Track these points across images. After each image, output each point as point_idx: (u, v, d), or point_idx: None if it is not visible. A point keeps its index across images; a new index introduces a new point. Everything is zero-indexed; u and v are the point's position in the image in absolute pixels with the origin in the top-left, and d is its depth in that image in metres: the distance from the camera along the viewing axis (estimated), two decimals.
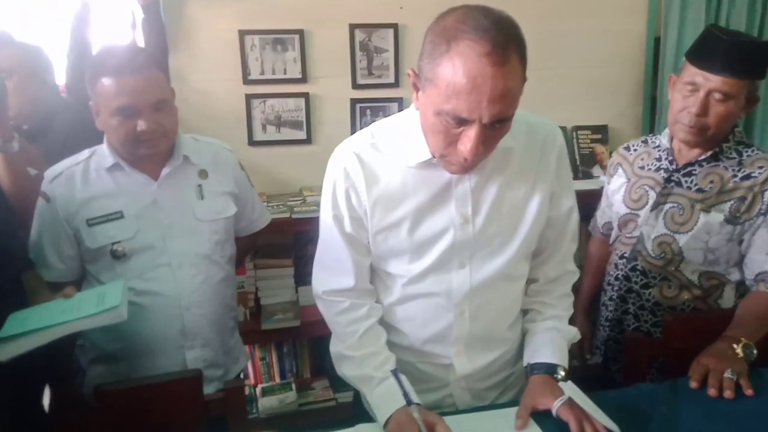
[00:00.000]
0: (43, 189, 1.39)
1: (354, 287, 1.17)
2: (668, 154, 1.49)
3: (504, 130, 0.98)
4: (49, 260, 1.39)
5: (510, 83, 0.90)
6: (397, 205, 1.10)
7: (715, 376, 1.18)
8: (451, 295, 1.14)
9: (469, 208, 1.10)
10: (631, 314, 1.56)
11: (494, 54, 0.87)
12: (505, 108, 0.92)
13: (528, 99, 2.87)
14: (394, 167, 1.10)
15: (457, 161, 0.99)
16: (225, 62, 2.42)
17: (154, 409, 1.18)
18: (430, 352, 1.20)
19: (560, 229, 1.19)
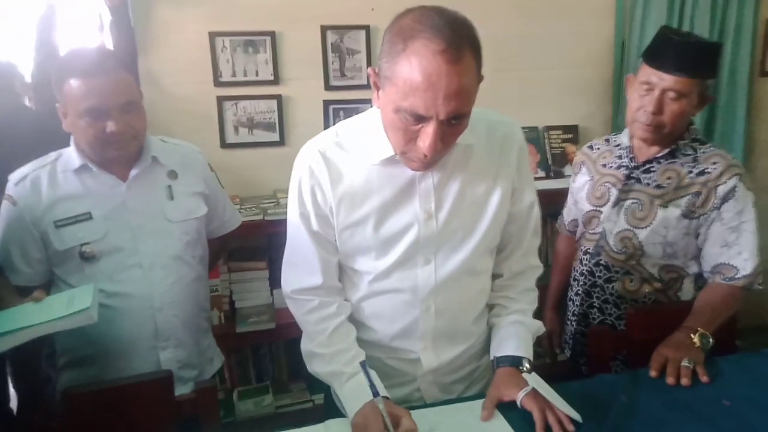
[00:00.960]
0: (8, 192, 1.38)
1: (322, 285, 1.19)
2: (628, 152, 1.54)
3: (461, 126, 1.01)
4: (16, 265, 1.38)
5: (464, 80, 0.93)
6: (362, 202, 1.12)
7: (673, 365, 1.22)
8: (416, 290, 1.16)
9: (432, 204, 1.13)
10: (596, 308, 1.60)
11: (448, 52, 0.90)
12: (461, 105, 0.95)
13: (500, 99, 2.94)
14: (358, 165, 1.12)
15: (417, 157, 1.02)
16: (196, 64, 2.41)
17: (125, 410, 1.18)
18: (397, 347, 1.22)
19: (522, 223, 1.22)
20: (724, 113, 2.88)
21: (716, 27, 2.78)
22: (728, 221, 1.40)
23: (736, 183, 1.39)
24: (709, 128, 2.90)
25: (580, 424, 1.05)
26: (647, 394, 1.16)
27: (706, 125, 2.89)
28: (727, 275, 1.41)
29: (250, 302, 2.43)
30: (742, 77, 2.87)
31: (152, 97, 2.39)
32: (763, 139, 3.05)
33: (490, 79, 3.01)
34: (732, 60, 2.84)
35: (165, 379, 1.22)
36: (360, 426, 1.03)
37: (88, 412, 1.16)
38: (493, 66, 2.81)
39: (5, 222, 1.38)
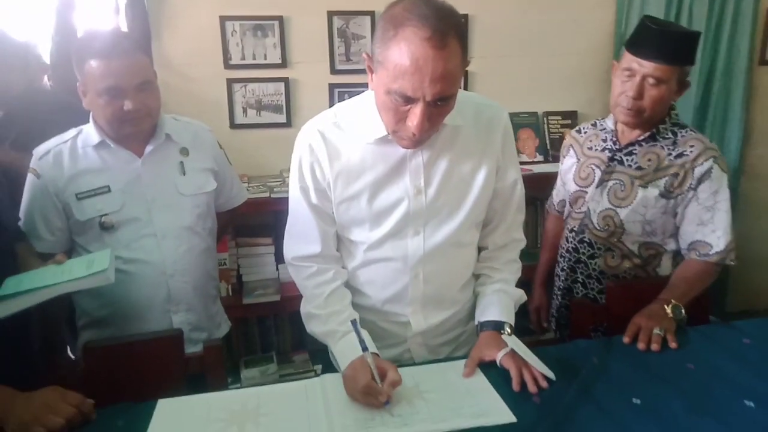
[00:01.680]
0: (32, 166, 1.49)
1: (320, 253, 1.29)
2: (612, 135, 1.62)
3: (447, 108, 1.10)
4: (40, 232, 1.49)
5: (449, 65, 1.02)
6: (357, 177, 1.22)
7: (645, 333, 1.32)
8: (407, 259, 1.26)
9: (422, 181, 1.22)
10: (580, 283, 1.70)
11: (434, 38, 0.99)
12: (446, 87, 1.03)
13: (502, 85, 2.99)
14: (354, 143, 1.22)
15: (407, 136, 1.11)
16: (206, 48, 2.51)
17: (139, 364, 1.29)
18: (389, 311, 1.33)
19: (506, 200, 1.32)
20: (719, 101, 2.93)
21: (714, 16, 2.83)
22: (704, 201, 1.49)
23: (711, 165, 1.48)
24: (703, 115, 2.96)
25: (554, 381, 1.15)
26: (617, 358, 1.25)
27: (700, 112, 2.94)
28: (702, 252, 1.50)
29: (257, 276, 2.54)
30: (740, 66, 2.91)
31: (164, 78, 2.47)
32: (760, 127, 3.10)
33: (492, 65, 3.09)
34: (728, 48, 2.88)
35: (176, 337, 1.34)
36: (349, 377, 1.13)
37: (106, 364, 1.28)
38: (497, 53, 2.91)
39: (30, 193, 1.49)
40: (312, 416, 1.07)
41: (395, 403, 1.09)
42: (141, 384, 1.22)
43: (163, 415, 1.10)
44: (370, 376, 1.10)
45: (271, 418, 1.07)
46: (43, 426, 1.02)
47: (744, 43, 2.88)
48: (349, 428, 1.02)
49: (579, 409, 1.07)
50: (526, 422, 1.04)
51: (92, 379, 1.26)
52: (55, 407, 1.05)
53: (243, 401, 1.13)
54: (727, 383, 1.14)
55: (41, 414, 1.03)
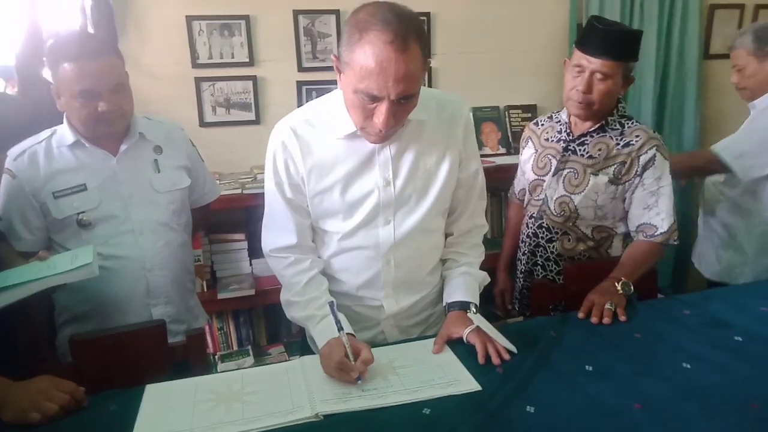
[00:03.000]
0: (7, 166, 1.51)
1: (296, 244, 1.37)
2: (566, 127, 1.75)
3: (410, 105, 1.19)
4: (19, 232, 1.52)
5: (411, 66, 1.11)
6: (329, 171, 1.30)
7: (598, 308, 1.44)
8: (378, 247, 1.35)
9: (390, 173, 1.31)
10: (540, 265, 1.82)
11: (396, 42, 1.08)
12: (408, 87, 1.12)
13: (464, 80, 3.10)
14: (325, 139, 1.30)
15: (374, 132, 1.20)
16: (174, 46, 2.54)
17: (125, 355, 1.35)
18: (363, 296, 1.41)
19: (468, 188, 1.42)
20: (675, 94, 3.11)
21: (665, 13, 3.00)
22: (648, 186, 1.62)
23: (655, 153, 1.61)
24: (661, 107, 3.13)
25: (515, 353, 1.26)
26: (572, 331, 1.37)
27: (659, 105, 3.11)
28: (648, 233, 1.64)
29: (231, 271, 2.59)
30: (691, 59, 3.09)
31: (132, 77, 2.51)
32: (712, 117, 3.29)
33: (455, 61, 3.20)
34: (680, 44, 3.06)
35: (159, 328, 1.40)
36: (325, 354, 1.21)
37: (93, 356, 1.33)
38: (459, 49, 3.01)
39: (7, 194, 1.51)
40: (294, 392, 1.15)
41: (370, 379, 1.18)
42: (128, 373, 1.27)
43: (153, 398, 1.16)
44: (343, 353, 1.18)
45: (256, 397, 1.14)
46: (39, 412, 1.07)
47: (694, 38, 3.06)
48: (329, 402, 1.11)
49: (537, 375, 1.18)
50: (491, 389, 1.14)
51: (80, 371, 1.30)
52: (50, 394, 1.10)
53: (228, 383, 1.20)
54: (668, 348, 1.28)
55: (37, 401, 1.09)
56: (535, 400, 1.10)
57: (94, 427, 1.08)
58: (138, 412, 1.11)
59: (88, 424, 1.09)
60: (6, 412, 1.08)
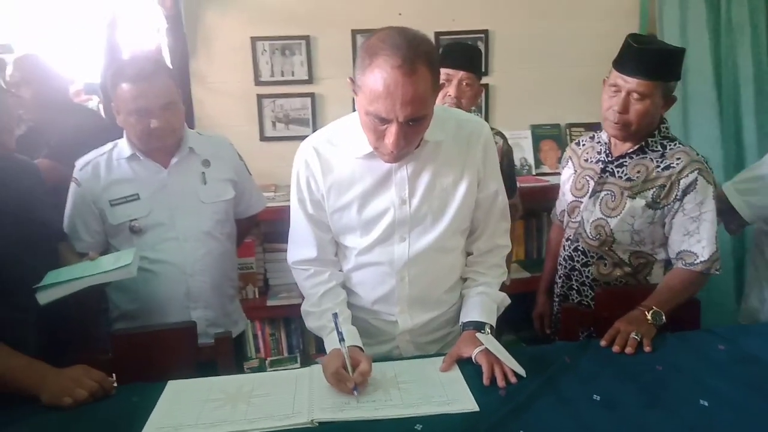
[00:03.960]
0: (74, 175, 1.70)
1: (317, 257, 1.42)
2: (606, 148, 1.69)
3: (420, 127, 1.21)
4: (80, 234, 1.69)
5: (419, 89, 1.13)
6: (347, 189, 1.35)
7: (622, 336, 1.38)
8: (393, 263, 1.38)
9: (406, 192, 1.34)
10: (575, 290, 1.76)
11: (404, 66, 1.11)
12: (416, 109, 1.15)
13: (521, 97, 3.07)
14: (344, 158, 1.35)
15: (386, 152, 1.23)
16: (238, 66, 2.71)
17: (157, 352, 1.46)
18: (378, 310, 1.44)
19: (487, 209, 1.42)
20: None
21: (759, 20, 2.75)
22: (689, 212, 1.53)
23: (696, 177, 1.52)
24: None
25: (523, 377, 1.24)
26: (590, 358, 1.32)
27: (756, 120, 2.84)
28: (688, 261, 1.55)
29: (282, 279, 2.71)
30: None
31: (200, 94, 2.73)
32: None
33: (513, 79, 3.18)
34: None
35: (190, 328, 1.50)
36: (325, 363, 1.26)
37: (130, 350, 1.45)
38: (517, 66, 2.98)
39: (72, 200, 1.70)
40: (297, 399, 1.19)
41: (371, 392, 1.20)
42: (158, 368, 1.38)
43: (171, 394, 1.25)
44: (341, 363, 1.22)
45: (261, 400, 1.20)
46: (71, 396, 1.19)
47: None
48: (326, 410, 1.14)
49: (539, 400, 1.15)
50: (488, 411, 1.13)
51: (119, 361, 1.43)
52: (81, 382, 1.22)
53: (239, 385, 1.27)
54: (687, 383, 1.20)
55: (70, 387, 1.21)
56: (530, 424, 1.07)
57: (115, 415, 1.18)
58: (155, 406, 1.20)
59: (110, 412, 1.20)
60: (44, 395, 1.21)
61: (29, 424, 1.16)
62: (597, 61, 2.93)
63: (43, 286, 1.36)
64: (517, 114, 3.00)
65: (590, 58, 2.92)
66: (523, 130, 3.02)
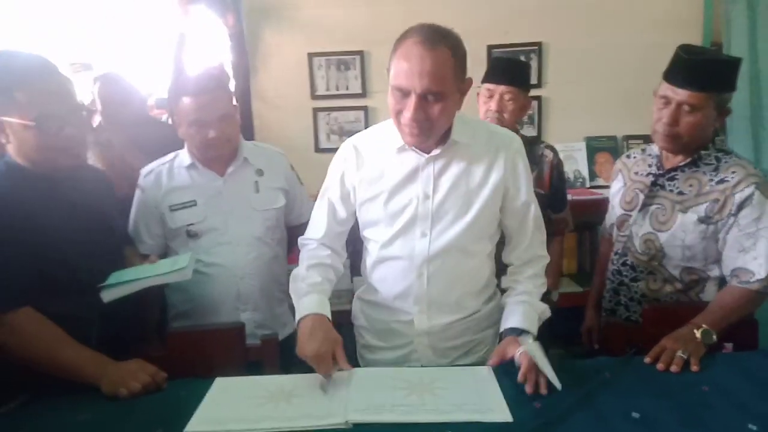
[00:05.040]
0: (139, 182, 1.83)
1: (322, 238, 1.51)
2: (657, 161, 1.65)
3: (438, 105, 1.26)
4: (143, 237, 1.81)
5: (438, 63, 1.21)
6: (377, 181, 1.43)
7: (668, 354, 1.34)
8: (413, 258, 1.42)
9: (431, 188, 1.39)
10: (623, 305, 1.72)
11: (425, 42, 1.22)
12: (433, 82, 1.22)
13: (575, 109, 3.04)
14: (379, 153, 1.43)
15: (407, 126, 1.29)
16: (296, 80, 2.83)
17: (207, 350, 1.54)
18: (397, 308, 1.48)
19: (520, 219, 1.44)
20: None
21: None
22: (745, 227, 1.47)
23: (753, 191, 1.46)
24: None
25: (559, 391, 1.22)
26: (630, 374, 1.29)
27: None
28: (743, 279, 1.48)
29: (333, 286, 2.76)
30: None
31: (260, 108, 2.86)
32: None
33: (568, 90, 3.16)
34: None
35: (238, 329, 1.57)
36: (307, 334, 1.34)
37: (182, 348, 1.54)
38: (572, 78, 2.95)
39: (137, 205, 1.83)
40: (334, 400, 1.23)
41: (407, 395, 1.23)
42: (207, 366, 1.46)
43: (218, 390, 1.32)
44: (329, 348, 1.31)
45: (300, 399, 1.25)
46: (126, 388, 1.29)
47: None
48: (362, 411, 1.17)
49: (574, 415, 1.14)
50: (522, 422, 1.12)
51: (172, 358, 1.51)
52: (137, 375, 1.32)
53: (281, 384, 1.32)
54: (736, 406, 1.15)
55: (126, 379, 1.30)
56: None
57: (165, 408, 1.26)
58: (202, 401, 1.27)
59: (161, 405, 1.27)
60: (103, 385, 1.31)
61: (91, 411, 1.26)
62: (656, 72, 2.87)
63: (107, 285, 1.47)
64: (571, 126, 2.96)
65: (648, 69, 2.82)
66: (577, 142, 2.98)
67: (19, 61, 1.40)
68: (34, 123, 1.34)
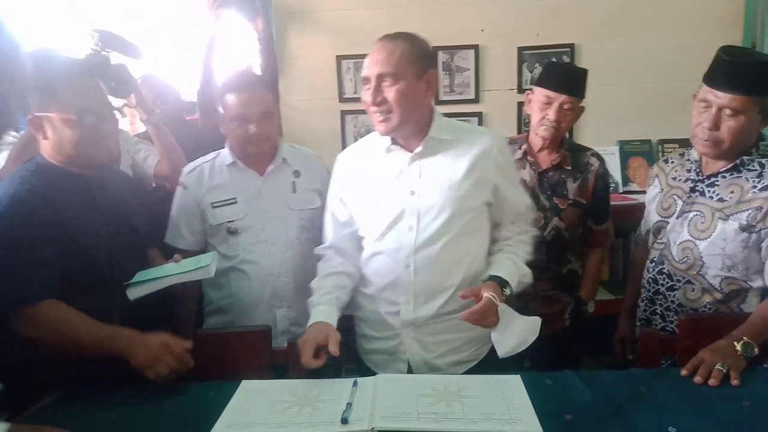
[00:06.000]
0: (181, 179, 1.87)
1: (330, 246, 1.61)
2: (696, 166, 1.59)
3: (394, 88, 1.37)
4: (183, 232, 1.85)
5: (390, 50, 1.36)
6: (367, 182, 1.53)
7: (706, 367, 1.28)
8: (401, 251, 1.49)
9: (415, 184, 1.47)
10: (659, 315, 1.66)
11: (385, 37, 1.40)
12: (384, 65, 1.36)
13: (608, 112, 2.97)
14: (368, 157, 1.55)
15: (373, 115, 1.41)
16: (324, 83, 2.84)
17: (235, 351, 1.54)
18: (386, 299, 1.53)
19: (510, 209, 1.55)
20: None
21: None
22: None
23: None
24: None
25: (591, 403, 1.19)
26: (666, 387, 1.24)
27: None
28: None
29: None
30: None
31: (287, 111, 2.86)
32: None
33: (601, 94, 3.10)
34: None
35: (265, 332, 1.58)
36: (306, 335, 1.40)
37: (210, 349, 1.54)
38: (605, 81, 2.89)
39: (178, 201, 1.87)
40: (359, 405, 1.22)
41: (434, 403, 1.21)
42: (236, 367, 1.47)
43: (244, 392, 1.32)
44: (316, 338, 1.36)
45: (326, 404, 1.24)
46: (154, 371, 1.32)
47: None
48: (387, 418, 1.16)
49: (607, 429, 1.10)
50: None
51: (201, 359, 1.52)
52: (164, 359, 1.34)
53: (307, 389, 1.32)
54: None
55: (153, 362, 1.33)
56: None
57: (193, 408, 1.27)
58: (229, 402, 1.27)
59: (188, 406, 1.28)
60: (132, 361, 1.34)
61: (122, 410, 1.27)
62: (693, 73, 2.78)
63: (133, 283, 1.50)
64: (603, 129, 2.90)
65: (685, 71, 2.74)
66: (610, 146, 2.91)
67: (58, 60, 1.47)
68: (75, 117, 1.40)
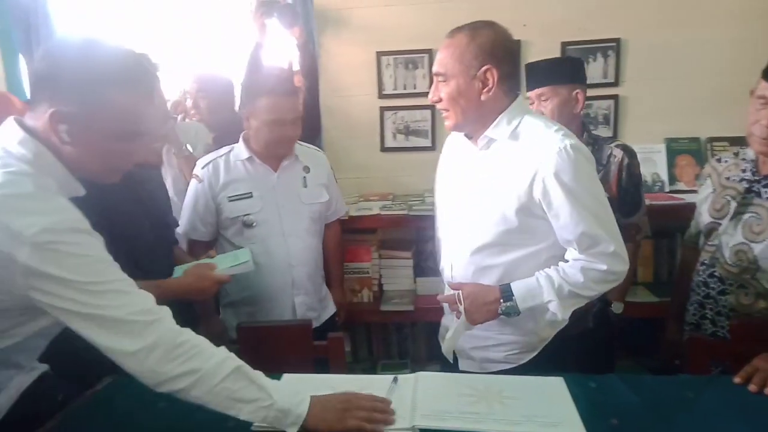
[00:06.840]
0: (195, 173, 1.92)
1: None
2: (752, 165, 1.53)
3: (445, 87, 1.35)
4: (196, 224, 1.91)
5: (447, 49, 1.34)
6: (445, 171, 1.62)
7: (761, 375, 1.23)
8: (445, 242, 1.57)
9: (469, 183, 1.46)
10: (709, 319, 1.61)
11: (451, 31, 1.37)
12: (437, 66, 1.37)
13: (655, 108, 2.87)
14: (457, 147, 1.56)
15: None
16: (364, 80, 2.83)
17: (277, 345, 1.57)
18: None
19: (559, 233, 1.37)
20: None
21: None
22: None
23: None
24: None
25: (638, 408, 1.16)
26: (716, 395, 1.20)
27: None
28: None
29: (396, 286, 2.75)
30: None
31: (328, 107, 2.88)
32: None
33: (648, 89, 2.99)
34: None
35: (305, 326, 1.60)
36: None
37: (252, 342, 1.57)
38: (652, 75, 2.80)
39: (193, 193, 1.92)
40: (399, 404, 1.21)
41: (474, 403, 1.20)
42: (277, 360, 1.49)
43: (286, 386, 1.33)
44: None
45: None
46: None
47: None
48: (428, 417, 1.15)
49: None
50: None
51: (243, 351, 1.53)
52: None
53: (346, 385, 1.31)
54: None
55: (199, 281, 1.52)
56: None
57: None
58: None
59: None
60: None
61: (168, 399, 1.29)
62: (744, 69, 2.67)
63: None
64: (650, 127, 2.81)
65: (736, 66, 2.65)
66: (656, 143, 2.82)
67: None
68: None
